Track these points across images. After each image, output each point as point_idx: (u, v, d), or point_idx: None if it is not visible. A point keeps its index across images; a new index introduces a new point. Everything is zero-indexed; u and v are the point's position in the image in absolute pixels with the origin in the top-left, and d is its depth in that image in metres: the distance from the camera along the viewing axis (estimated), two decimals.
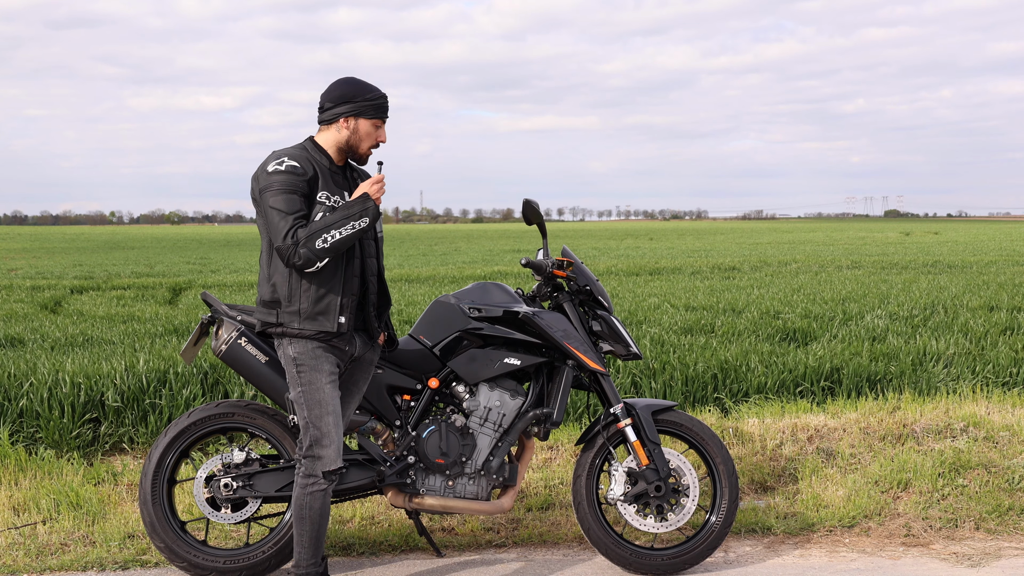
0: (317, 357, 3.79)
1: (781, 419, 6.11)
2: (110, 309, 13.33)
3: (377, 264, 3.96)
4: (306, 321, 3.77)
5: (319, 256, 3.66)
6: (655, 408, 4.41)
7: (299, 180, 3.70)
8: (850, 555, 4.55)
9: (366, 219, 3.70)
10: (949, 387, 7.45)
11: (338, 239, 3.66)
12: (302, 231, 3.65)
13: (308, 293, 3.76)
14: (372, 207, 3.72)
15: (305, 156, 3.79)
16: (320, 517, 3.83)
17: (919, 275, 18.86)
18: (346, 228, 3.67)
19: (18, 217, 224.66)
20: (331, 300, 3.76)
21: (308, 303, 3.76)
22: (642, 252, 36.78)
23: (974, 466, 5.29)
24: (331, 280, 3.77)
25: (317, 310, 3.76)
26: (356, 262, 3.84)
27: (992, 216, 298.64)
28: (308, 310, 3.77)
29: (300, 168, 3.72)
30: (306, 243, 3.64)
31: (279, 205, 3.67)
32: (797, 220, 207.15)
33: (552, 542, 4.72)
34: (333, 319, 3.76)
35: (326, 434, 3.78)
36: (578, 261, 4.48)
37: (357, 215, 3.69)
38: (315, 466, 3.78)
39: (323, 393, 3.79)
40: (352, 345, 3.90)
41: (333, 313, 3.77)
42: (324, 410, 3.78)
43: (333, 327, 3.77)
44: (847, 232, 67.38)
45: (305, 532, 3.83)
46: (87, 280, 20.87)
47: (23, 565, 4.37)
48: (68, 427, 6.26)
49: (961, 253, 30.67)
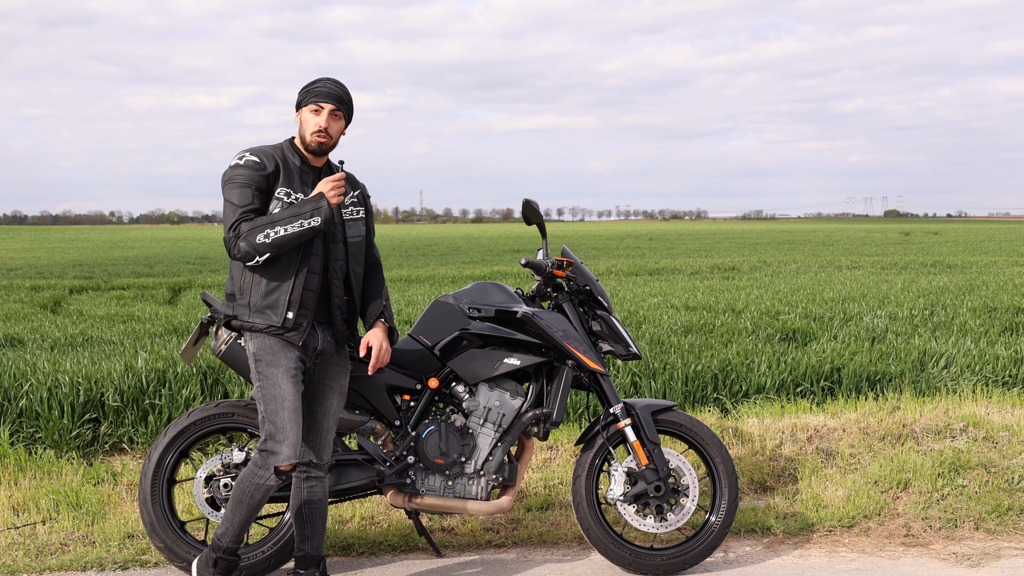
0: (275, 352, 3.77)
1: (781, 419, 6.11)
2: (110, 309, 13.32)
3: (347, 269, 3.90)
4: (255, 314, 3.77)
5: (258, 251, 3.65)
6: (655, 408, 4.41)
7: (256, 174, 3.71)
8: (850, 555, 4.55)
9: (317, 219, 3.67)
10: (949, 387, 7.45)
11: (282, 235, 3.64)
12: (246, 224, 3.66)
13: (259, 287, 3.76)
14: (325, 207, 3.68)
15: (271, 152, 3.79)
16: (257, 507, 3.84)
17: (919, 275, 18.86)
18: (293, 226, 3.65)
19: (18, 217, 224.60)
20: (280, 295, 3.74)
21: (258, 296, 3.76)
22: (642, 252, 36.79)
23: (974, 466, 5.28)
24: (283, 275, 3.75)
25: (265, 303, 3.75)
26: (316, 260, 3.79)
27: (992, 216, 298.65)
28: (257, 303, 3.77)
29: (260, 163, 3.73)
30: (247, 236, 3.65)
31: (231, 198, 3.70)
32: (797, 220, 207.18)
33: (552, 542, 4.72)
34: (280, 313, 3.74)
35: (280, 429, 3.73)
36: (578, 261, 4.48)
37: (308, 214, 3.67)
38: (268, 460, 3.75)
39: (279, 388, 3.75)
40: (314, 340, 3.86)
41: (281, 307, 3.74)
42: (280, 405, 3.75)
43: (279, 321, 3.74)
44: (847, 232, 67.40)
45: (238, 516, 3.84)
46: (87, 280, 20.86)
47: (23, 565, 4.37)
48: (68, 427, 6.26)
49: (961, 253, 30.68)
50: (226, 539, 3.88)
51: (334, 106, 3.80)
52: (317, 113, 3.79)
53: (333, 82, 3.83)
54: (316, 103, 3.79)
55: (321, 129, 3.78)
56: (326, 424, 3.97)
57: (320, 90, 3.79)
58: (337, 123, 3.84)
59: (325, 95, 3.79)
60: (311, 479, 3.98)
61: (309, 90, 3.81)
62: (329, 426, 3.99)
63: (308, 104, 3.80)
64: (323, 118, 3.78)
